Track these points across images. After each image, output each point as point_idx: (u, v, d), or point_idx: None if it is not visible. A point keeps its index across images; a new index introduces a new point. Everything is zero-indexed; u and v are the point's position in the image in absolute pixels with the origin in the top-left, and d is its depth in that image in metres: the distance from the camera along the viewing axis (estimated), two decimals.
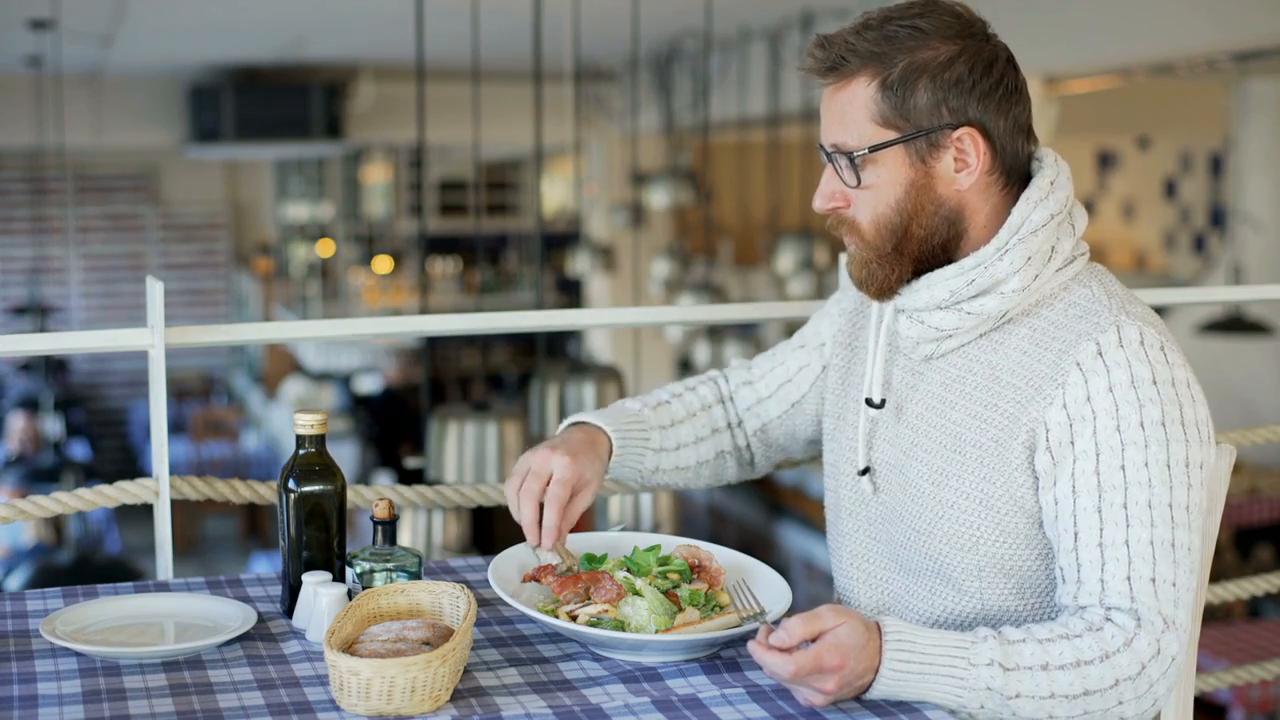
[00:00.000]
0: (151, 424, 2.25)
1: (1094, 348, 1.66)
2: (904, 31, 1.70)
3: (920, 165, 1.71)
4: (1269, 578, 3.05)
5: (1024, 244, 1.71)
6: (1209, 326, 7.98)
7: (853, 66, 1.71)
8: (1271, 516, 7.71)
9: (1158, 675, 1.59)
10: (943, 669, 1.56)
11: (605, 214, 10.21)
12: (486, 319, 2.61)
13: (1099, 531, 1.63)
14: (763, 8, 7.25)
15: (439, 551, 4.49)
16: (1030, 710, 1.57)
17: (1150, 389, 1.64)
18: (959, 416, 1.74)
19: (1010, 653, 1.57)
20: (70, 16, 7.21)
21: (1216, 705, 5.67)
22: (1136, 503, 1.62)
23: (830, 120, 1.75)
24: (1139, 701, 1.59)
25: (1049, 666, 1.57)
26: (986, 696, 1.56)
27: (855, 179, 1.73)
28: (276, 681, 1.61)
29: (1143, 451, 1.63)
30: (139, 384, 12.98)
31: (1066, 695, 1.57)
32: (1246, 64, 7.10)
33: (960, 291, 1.73)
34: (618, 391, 4.74)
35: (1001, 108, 1.72)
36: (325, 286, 13.05)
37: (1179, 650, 1.60)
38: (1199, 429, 1.66)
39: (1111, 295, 1.72)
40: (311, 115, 9.72)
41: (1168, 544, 1.61)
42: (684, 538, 1.91)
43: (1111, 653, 1.58)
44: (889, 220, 1.73)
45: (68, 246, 13.00)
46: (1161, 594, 1.60)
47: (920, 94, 1.69)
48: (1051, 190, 1.74)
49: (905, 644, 1.56)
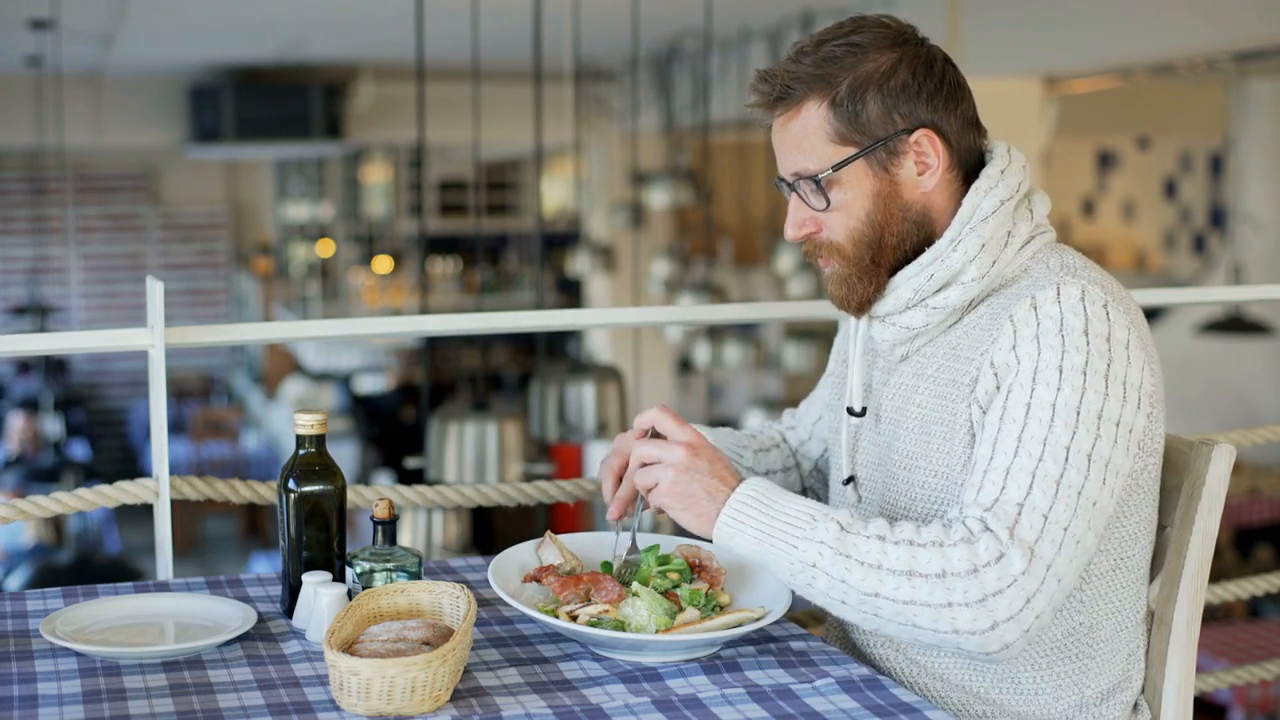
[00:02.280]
0: (151, 424, 2.25)
1: (1029, 302, 1.67)
2: (841, 50, 1.72)
3: (884, 174, 1.73)
4: (1269, 578, 3.05)
5: (975, 232, 1.73)
6: (1209, 326, 7.98)
7: (799, 93, 1.74)
8: (1271, 516, 7.71)
9: (993, 586, 1.54)
10: (788, 517, 1.62)
11: (605, 214, 10.21)
12: (486, 319, 2.61)
13: (988, 459, 1.62)
14: (763, 8, 7.25)
15: (439, 551, 4.49)
16: (858, 579, 1.58)
17: (1079, 338, 1.63)
18: (925, 400, 1.76)
19: (855, 521, 1.61)
20: (70, 16, 7.21)
21: (1216, 705, 5.67)
22: (1032, 437, 1.60)
23: (786, 150, 1.78)
24: (971, 612, 1.54)
25: (885, 539, 1.59)
26: (819, 552, 1.60)
27: (824, 201, 1.75)
28: (276, 681, 1.61)
29: (1053, 393, 1.61)
30: (139, 384, 12.98)
31: (893, 570, 1.57)
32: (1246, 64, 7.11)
33: (923, 288, 1.74)
34: (618, 391, 4.73)
35: (949, 105, 1.75)
36: (325, 286, 13.05)
37: (1029, 576, 1.54)
38: (1126, 389, 1.63)
39: (1065, 266, 1.72)
40: (311, 115, 9.71)
41: (1052, 479, 1.58)
42: (684, 538, 1.92)
43: (946, 544, 1.56)
44: (863, 234, 1.75)
45: (68, 246, 13.00)
46: (1026, 518, 1.57)
47: (870, 105, 1.71)
48: (1002, 178, 1.75)
49: (756, 497, 1.64)
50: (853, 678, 1.63)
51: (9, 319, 12.20)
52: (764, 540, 1.63)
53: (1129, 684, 1.79)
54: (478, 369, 12.35)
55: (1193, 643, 1.83)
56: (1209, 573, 1.83)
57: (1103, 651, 1.75)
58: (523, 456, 4.27)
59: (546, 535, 1.85)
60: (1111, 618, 1.75)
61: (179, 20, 7.83)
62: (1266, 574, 3.08)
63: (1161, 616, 1.83)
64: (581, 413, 4.66)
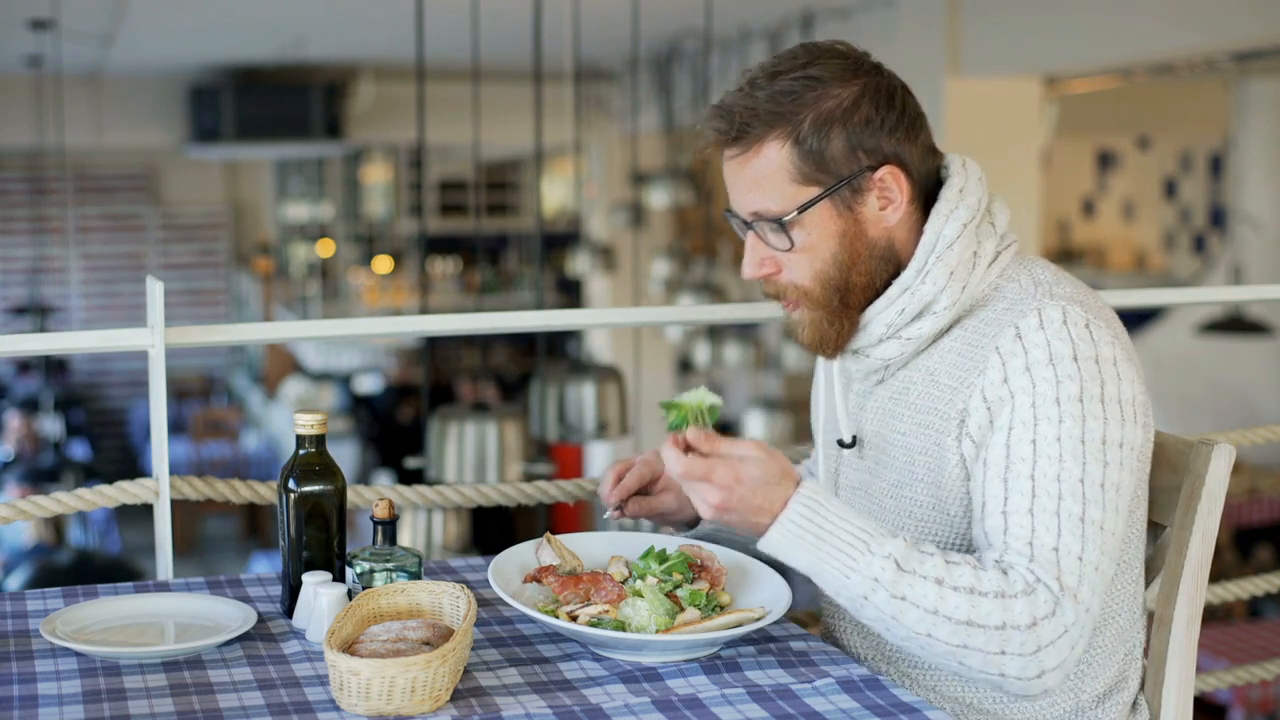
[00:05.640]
0: (151, 424, 2.25)
1: (1013, 332, 1.64)
2: (800, 84, 1.67)
3: (848, 213, 1.69)
4: (1269, 578, 3.05)
5: (942, 260, 1.69)
6: (1209, 326, 7.98)
7: (758, 131, 1.67)
8: (1271, 516, 7.71)
9: (1048, 639, 1.53)
10: (840, 542, 1.56)
11: (605, 214, 10.21)
12: (486, 319, 2.61)
13: (1003, 500, 1.60)
14: (763, 8, 7.25)
15: (439, 551, 4.49)
16: (913, 621, 1.55)
17: (1070, 365, 1.61)
18: (906, 428, 1.74)
19: (911, 557, 1.56)
20: (70, 16, 7.20)
21: (1216, 705, 5.67)
22: (1045, 475, 1.59)
23: (743, 189, 1.71)
24: (1023, 661, 1.54)
25: (944, 583, 1.54)
26: (872, 588, 1.55)
27: (788, 242, 1.70)
28: (276, 681, 1.61)
29: (1056, 426, 1.59)
30: (139, 384, 12.98)
31: (950, 618, 1.53)
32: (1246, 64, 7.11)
33: (895, 322, 1.72)
34: (618, 391, 4.73)
35: (910, 135, 1.70)
36: (325, 286, 13.04)
37: (1075, 624, 1.54)
38: (1122, 408, 1.62)
39: (1039, 283, 1.70)
40: (311, 115, 9.71)
41: (1075, 517, 1.57)
42: (685, 537, 1.92)
43: (1008, 595, 1.54)
44: (829, 276, 1.71)
45: (68, 246, 13.00)
46: (1065, 564, 1.56)
47: (835, 143, 1.66)
48: (961, 198, 1.72)
49: (813, 505, 1.58)
50: (853, 678, 1.63)
51: (9, 319, 12.20)
52: (816, 563, 1.58)
53: (1126, 684, 1.78)
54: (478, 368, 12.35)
55: (1193, 643, 1.82)
56: (1209, 573, 1.83)
57: (1100, 655, 1.75)
58: (523, 456, 4.27)
59: (546, 536, 1.85)
60: (1110, 622, 1.75)
61: (179, 20, 7.82)
62: (1266, 574, 3.08)
63: (1161, 616, 1.83)
64: (581, 413, 4.66)
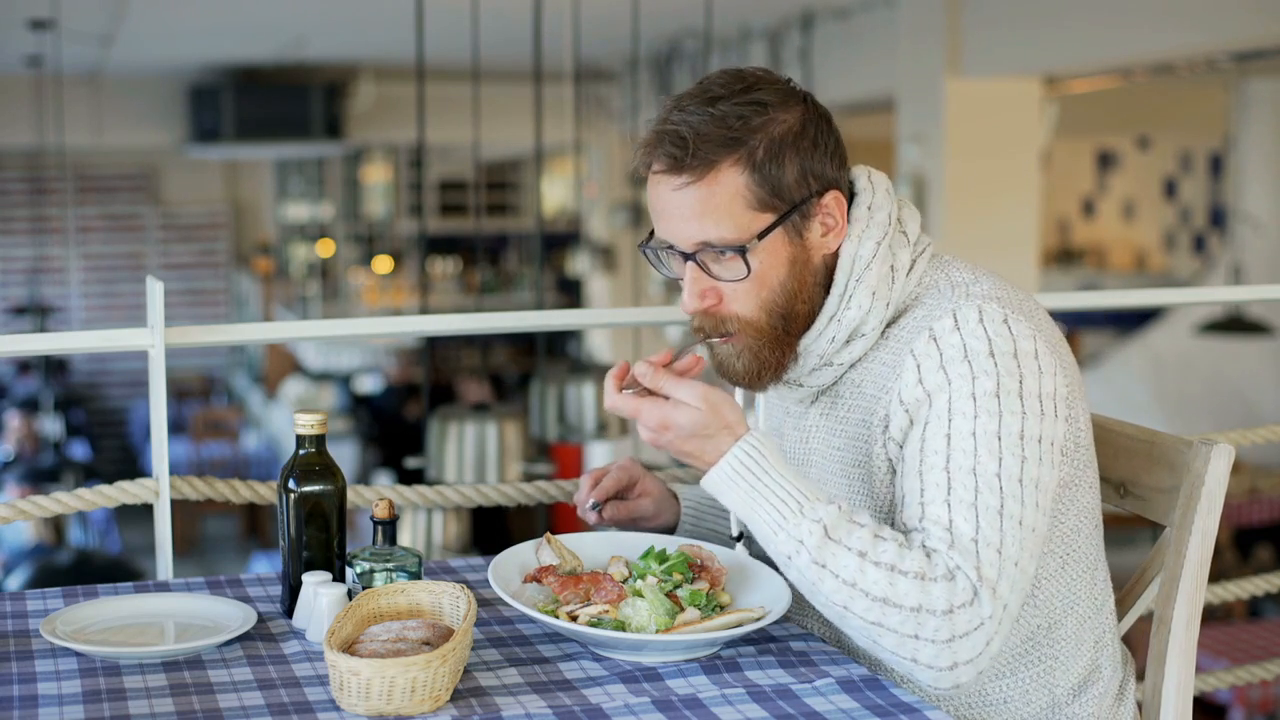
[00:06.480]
0: (151, 424, 2.25)
1: (927, 334, 1.64)
2: (747, 109, 1.64)
3: (798, 240, 1.68)
4: (1269, 578, 3.05)
5: (862, 283, 1.69)
6: (1209, 326, 7.98)
7: (713, 156, 1.63)
8: (1271, 516, 7.72)
9: (963, 629, 1.51)
10: (774, 498, 1.57)
11: (605, 214, 10.21)
12: (486, 319, 2.62)
13: (920, 492, 1.59)
14: (763, 8, 7.25)
15: (439, 551, 4.49)
16: (830, 590, 1.54)
17: (985, 361, 1.60)
18: (841, 443, 1.74)
19: (840, 526, 1.55)
20: (70, 16, 7.21)
21: (1216, 705, 5.67)
22: (960, 468, 1.57)
23: (689, 217, 1.65)
24: (935, 648, 1.52)
25: (866, 556, 1.53)
26: (796, 549, 1.55)
27: (744, 270, 1.66)
28: (276, 681, 1.61)
29: (971, 421, 1.58)
30: (139, 384, 12.98)
31: (867, 593, 1.52)
32: (1246, 64, 7.10)
33: (827, 351, 1.71)
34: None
35: (836, 159, 1.70)
36: (325, 286, 13.05)
37: (992, 619, 1.52)
38: (1042, 402, 1.61)
39: (955, 285, 1.69)
40: (311, 115, 9.72)
41: (994, 510, 1.55)
42: (685, 537, 1.92)
43: (928, 577, 1.52)
44: (776, 304, 1.69)
45: (68, 246, 13.00)
46: (984, 556, 1.53)
47: (789, 168, 1.65)
48: (871, 215, 1.71)
49: (756, 455, 1.59)
50: (853, 678, 1.62)
51: (9, 319, 12.20)
52: (748, 511, 1.59)
53: (1099, 674, 1.77)
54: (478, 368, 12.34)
55: (1192, 643, 1.82)
56: (1209, 573, 1.83)
57: (1066, 649, 1.74)
58: (523, 456, 4.28)
59: (545, 536, 1.85)
60: (1070, 613, 1.74)
61: (179, 20, 7.83)
62: (1266, 574, 3.08)
63: (1161, 616, 1.83)
64: (581, 413, 4.66)
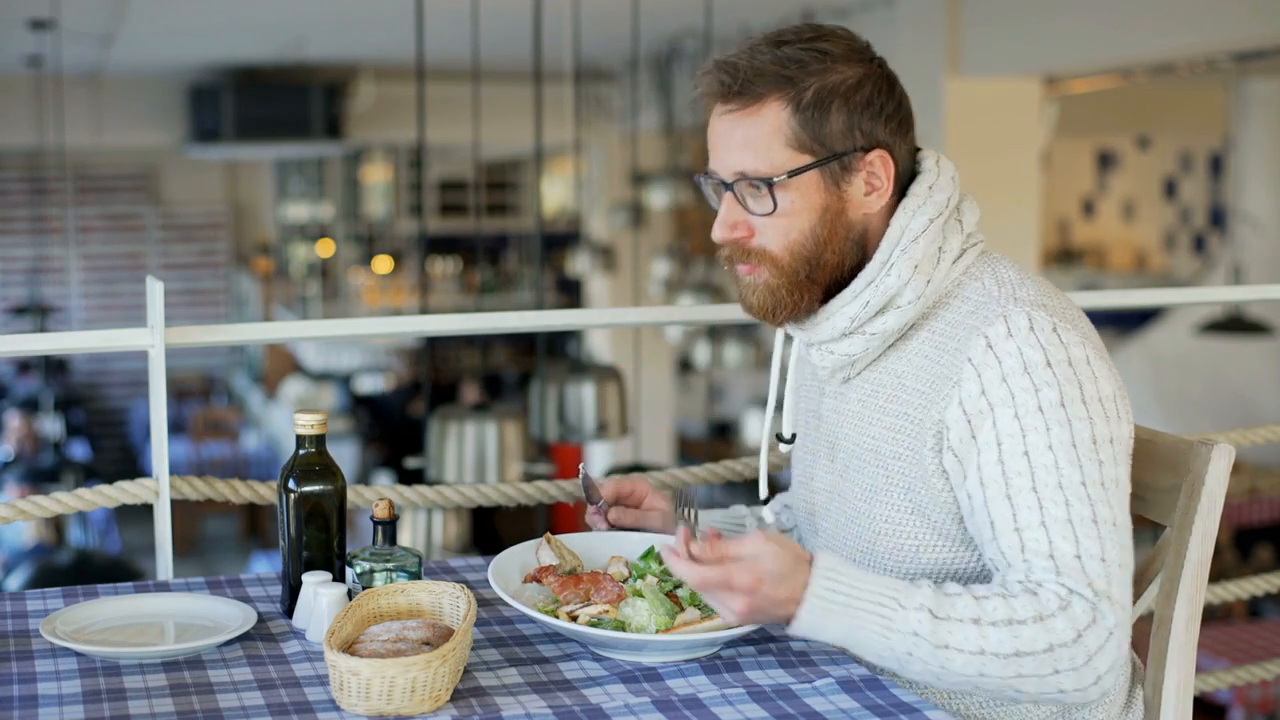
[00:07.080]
0: (151, 424, 2.25)
1: (983, 342, 1.64)
2: (808, 55, 1.68)
3: (834, 190, 1.70)
4: (1269, 578, 3.05)
5: (907, 254, 1.70)
6: (1209, 326, 7.98)
7: (760, 90, 1.68)
8: (1271, 516, 7.72)
9: (1095, 646, 1.54)
10: (870, 606, 1.54)
11: (605, 214, 10.21)
12: (486, 319, 2.62)
13: (1012, 517, 1.60)
14: (763, 8, 7.25)
15: (439, 551, 4.49)
16: (960, 665, 1.54)
17: (1045, 372, 1.62)
18: (878, 431, 1.74)
19: (943, 602, 1.54)
20: (70, 16, 7.20)
21: (1216, 705, 5.67)
22: (1046, 484, 1.59)
23: (732, 146, 1.71)
24: (1077, 674, 1.54)
25: (981, 621, 1.53)
26: (914, 643, 1.53)
27: (770, 206, 1.70)
28: (276, 681, 1.61)
29: (1045, 435, 1.60)
30: (139, 384, 12.98)
31: (998, 653, 1.53)
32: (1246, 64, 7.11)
33: (859, 315, 1.72)
34: (618, 391, 4.73)
35: (902, 130, 1.73)
36: (325, 286, 13.05)
37: (1117, 625, 1.55)
38: (1103, 405, 1.63)
39: (1002, 284, 1.70)
40: (311, 115, 9.71)
41: (1088, 520, 1.57)
42: None
43: (1046, 615, 1.53)
44: (803, 247, 1.71)
45: (68, 246, 13.00)
46: (1090, 568, 1.56)
47: (834, 117, 1.68)
48: (930, 194, 1.72)
49: (835, 576, 1.55)
50: (853, 678, 1.63)
51: (9, 319, 12.20)
52: (853, 631, 1.55)
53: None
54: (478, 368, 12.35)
55: (1192, 643, 1.82)
56: (1209, 573, 1.83)
57: None
58: (523, 456, 4.27)
59: (545, 536, 1.85)
60: None
61: (179, 20, 7.82)
62: (1266, 574, 3.08)
63: (1161, 616, 1.83)
64: (581, 413, 4.66)
